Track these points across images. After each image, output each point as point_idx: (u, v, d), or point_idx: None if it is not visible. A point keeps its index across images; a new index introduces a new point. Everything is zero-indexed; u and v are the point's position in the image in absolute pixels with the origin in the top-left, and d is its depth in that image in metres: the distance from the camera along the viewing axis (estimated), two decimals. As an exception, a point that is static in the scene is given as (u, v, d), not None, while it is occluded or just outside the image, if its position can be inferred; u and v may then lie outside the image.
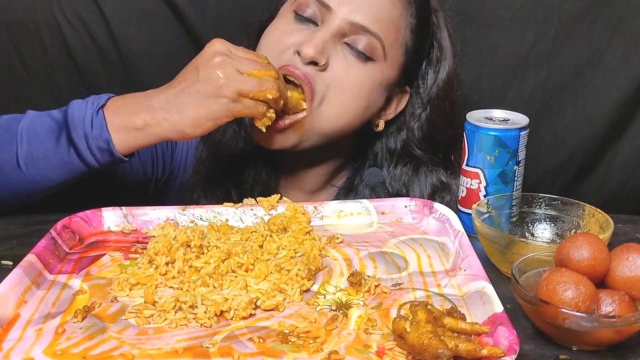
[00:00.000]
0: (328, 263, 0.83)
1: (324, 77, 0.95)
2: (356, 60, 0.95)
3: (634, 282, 0.70)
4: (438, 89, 1.03)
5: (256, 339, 0.67)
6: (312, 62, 0.94)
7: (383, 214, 0.94)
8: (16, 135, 0.90)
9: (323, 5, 0.95)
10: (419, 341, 0.62)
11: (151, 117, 0.87)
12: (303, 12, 0.96)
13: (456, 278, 0.78)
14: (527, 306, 0.71)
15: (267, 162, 1.08)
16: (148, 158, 1.08)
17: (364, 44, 0.95)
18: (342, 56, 0.95)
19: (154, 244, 0.82)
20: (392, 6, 0.96)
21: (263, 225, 0.88)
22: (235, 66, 0.86)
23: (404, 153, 1.06)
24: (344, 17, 0.94)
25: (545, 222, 0.92)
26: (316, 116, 0.96)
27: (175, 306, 0.72)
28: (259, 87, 0.87)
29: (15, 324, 0.70)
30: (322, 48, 0.93)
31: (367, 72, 0.96)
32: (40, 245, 0.81)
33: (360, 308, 0.73)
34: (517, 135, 0.92)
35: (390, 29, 0.96)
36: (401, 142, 1.06)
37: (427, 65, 1.03)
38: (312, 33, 0.95)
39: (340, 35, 0.95)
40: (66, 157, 0.89)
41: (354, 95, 0.96)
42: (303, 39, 0.94)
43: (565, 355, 0.69)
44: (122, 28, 1.30)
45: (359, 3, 0.94)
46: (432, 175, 1.05)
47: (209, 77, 0.85)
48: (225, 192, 1.06)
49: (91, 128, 0.88)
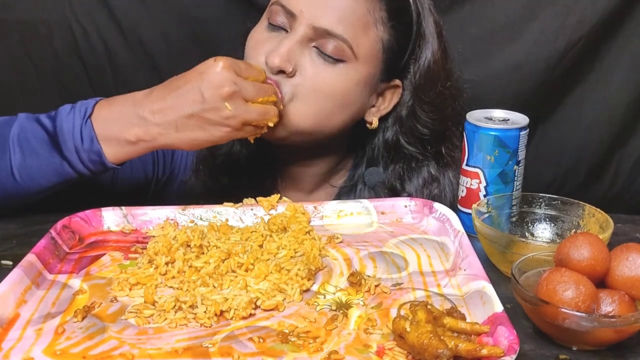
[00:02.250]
0: (328, 263, 0.83)
1: (292, 82, 0.95)
2: (325, 62, 0.96)
3: (634, 282, 0.70)
4: (420, 78, 1.02)
5: (256, 339, 0.67)
6: (279, 70, 0.94)
7: (383, 213, 0.94)
8: (8, 142, 0.91)
9: (288, 12, 0.96)
10: (419, 341, 0.62)
11: (144, 132, 0.87)
12: (274, 21, 0.97)
13: (456, 278, 0.78)
14: (527, 306, 0.71)
15: (265, 161, 1.09)
16: (149, 159, 1.08)
17: (332, 47, 0.95)
18: (310, 60, 0.96)
19: (154, 243, 0.82)
20: (355, 4, 0.95)
21: (263, 225, 0.88)
22: (243, 95, 0.87)
23: (398, 149, 1.06)
24: (307, 22, 0.94)
25: (545, 222, 0.92)
26: (287, 112, 0.96)
27: (175, 306, 0.72)
28: (263, 117, 0.89)
29: (15, 324, 0.70)
30: (288, 56, 0.94)
31: (339, 73, 0.96)
32: (40, 245, 0.81)
33: (360, 308, 0.73)
34: (517, 135, 0.92)
35: (356, 28, 0.96)
36: (395, 135, 1.06)
37: (411, 55, 1.02)
38: (281, 41, 0.96)
39: (308, 40, 0.95)
40: (59, 168, 0.90)
41: (326, 95, 0.97)
42: (272, 47, 0.95)
43: (565, 355, 0.69)
44: (133, 30, 1.30)
45: (321, 7, 0.94)
46: (423, 169, 1.05)
47: (216, 107, 0.85)
48: (223, 190, 1.06)
49: (81, 141, 0.88)
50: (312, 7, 0.94)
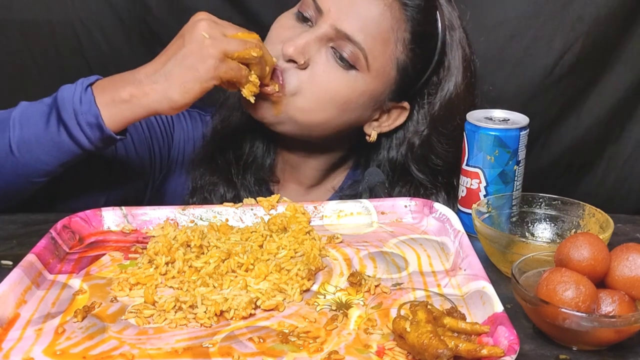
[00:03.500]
0: (328, 263, 0.83)
1: (300, 74, 0.97)
2: (337, 65, 0.97)
3: (634, 282, 0.70)
4: (440, 109, 1.02)
5: (256, 339, 0.67)
6: (291, 60, 0.96)
7: (383, 213, 0.94)
8: (9, 123, 0.91)
9: (317, 8, 0.97)
10: (419, 341, 0.62)
11: (137, 89, 0.89)
12: (304, 11, 0.99)
13: (456, 278, 0.78)
14: (527, 306, 0.71)
15: (266, 140, 1.10)
16: (145, 155, 1.08)
17: (349, 52, 0.96)
18: (324, 59, 0.97)
19: (154, 243, 0.82)
20: (381, 18, 0.96)
21: (263, 225, 0.88)
22: (220, 30, 0.89)
23: (404, 172, 1.06)
24: (332, 23, 0.96)
25: (545, 222, 0.92)
26: (289, 102, 0.98)
27: (175, 306, 0.72)
28: (243, 46, 0.89)
29: (15, 324, 0.70)
30: (303, 49, 0.96)
31: (348, 79, 0.98)
32: (40, 245, 0.81)
33: (360, 308, 0.73)
34: (517, 135, 0.92)
35: (376, 41, 0.97)
36: (402, 156, 1.06)
37: (428, 82, 1.03)
38: (301, 33, 0.97)
39: (327, 39, 0.97)
40: (56, 137, 0.90)
41: (330, 96, 0.98)
42: (292, 37, 0.97)
43: (565, 355, 0.69)
44: (136, 29, 1.30)
45: (348, 11, 0.96)
46: (432, 197, 1.04)
47: (194, 39, 0.88)
48: (225, 166, 1.08)
49: (80, 104, 0.89)
50: (340, 9, 0.95)
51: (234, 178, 1.07)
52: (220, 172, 1.07)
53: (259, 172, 1.08)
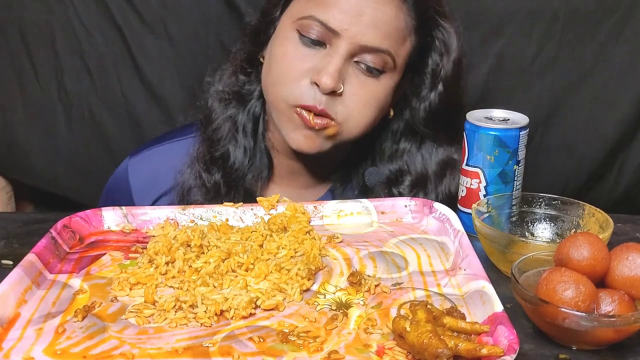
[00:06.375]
0: (328, 262, 0.83)
1: (343, 102, 0.96)
2: (367, 77, 0.97)
3: (634, 281, 0.70)
4: (448, 72, 1.03)
5: (256, 339, 0.67)
6: (332, 91, 0.95)
7: (383, 213, 0.94)
8: None
9: (329, 29, 0.94)
10: (419, 340, 0.62)
11: None
12: (308, 34, 0.95)
13: (456, 277, 0.78)
14: (527, 306, 0.71)
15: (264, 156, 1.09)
16: None
17: (375, 61, 0.96)
18: (354, 77, 0.96)
19: (154, 243, 0.82)
20: (397, 20, 0.96)
21: (263, 225, 0.88)
22: None
23: (407, 131, 1.07)
24: (352, 40, 0.94)
25: (545, 222, 0.92)
26: (344, 129, 0.98)
27: (176, 306, 0.72)
28: None
29: (15, 324, 0.70)
30: (339, 76, 0.94)
31: (381, 84, 0.98)
32: (40, 245, 0.81)
33: (360, 307, 0.73)
34: (517, 134, 0.92)
35: (398, 41, 0.97)
36: (404, 122, 1.07)
37: (433, 50, 1.03)
38: (324, 58, 0.95)
39: (351, 56, 0.96)
40: None
41: (373, 107, 0.99)
42: (316, 66, 0.95)
43: (565, 354, 0.69)
44: (136, 33, 1.30)
45: (365, 24, 0.94)
46: (438, 152, 1.06)
47: None
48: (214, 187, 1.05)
49: None
50: (357, 25, 0.93)
51: (223, 200, 1.02)
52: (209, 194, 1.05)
53: (250, 185, 1.06)
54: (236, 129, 1.06)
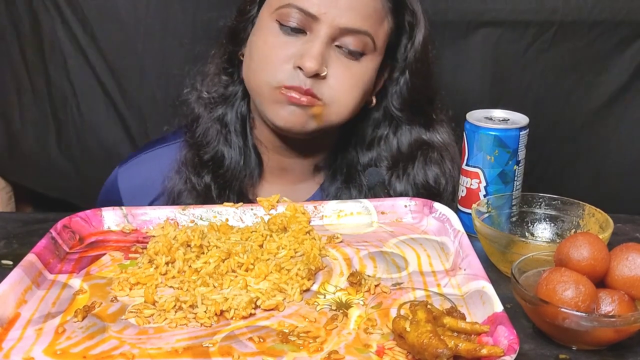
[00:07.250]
0: (328, 263, 0.83)
1: (328, 84, 0.97)
2: (350, 60, 0.98)
3: (634, 281, 0.70)
4: (416, 53, 1.04)
5: (256, 339, 0.67)
6: (316, 74, 0.95)
7: (383, 213, 0.94)
8: None
9: (308, 14, 0.95)
10: (419, 341, 0.62)
11: None
12: (287, 22, 0.96)
13: (456, 278, 0.78)
14: (527, 306, 0.71)
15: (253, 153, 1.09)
16: None
17: (356, 43, 0.97)
18: (337, 60, 0.97)
19: (154, 243, 0.82)
20: (374, 1, 0.98)
21: (263, 225, 0.88)
22: None
23: (385, 117, 1.08)
24: (331, 23, 0.95)
25: (545, 222, 0.92)
26: (331, 111, 0.99)
27: (176, 306, 0.72)
28: None
29: (15, 324, 0.70)
30: (321, 58, 0.95)
31: (362, 66, 0.99)
32: (40, 245, 0.81)
33: (360, 308, 0.73)
34: (517, 135, 0.92)
35: (376, 22, 0.98)
36: (382, 109, 1.08)
37: (402, 33, 1.05)
38: (305, 44, 0.96)
39: (332, 40, 0.97)
40: None
41: (358, 88, 0.99)
42: (298, 51, 0.96)
43: (565, 355, 0.69)
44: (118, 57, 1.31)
45: (343, 7, 0.95)
46: (409, 133, 1.07)
47: None
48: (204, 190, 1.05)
49: None
50: (335, 8, 0.95)
51: (214, 202, 1.02)
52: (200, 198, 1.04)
53: (243, 185, 1.06)
54: (228, 130, 1.07)
